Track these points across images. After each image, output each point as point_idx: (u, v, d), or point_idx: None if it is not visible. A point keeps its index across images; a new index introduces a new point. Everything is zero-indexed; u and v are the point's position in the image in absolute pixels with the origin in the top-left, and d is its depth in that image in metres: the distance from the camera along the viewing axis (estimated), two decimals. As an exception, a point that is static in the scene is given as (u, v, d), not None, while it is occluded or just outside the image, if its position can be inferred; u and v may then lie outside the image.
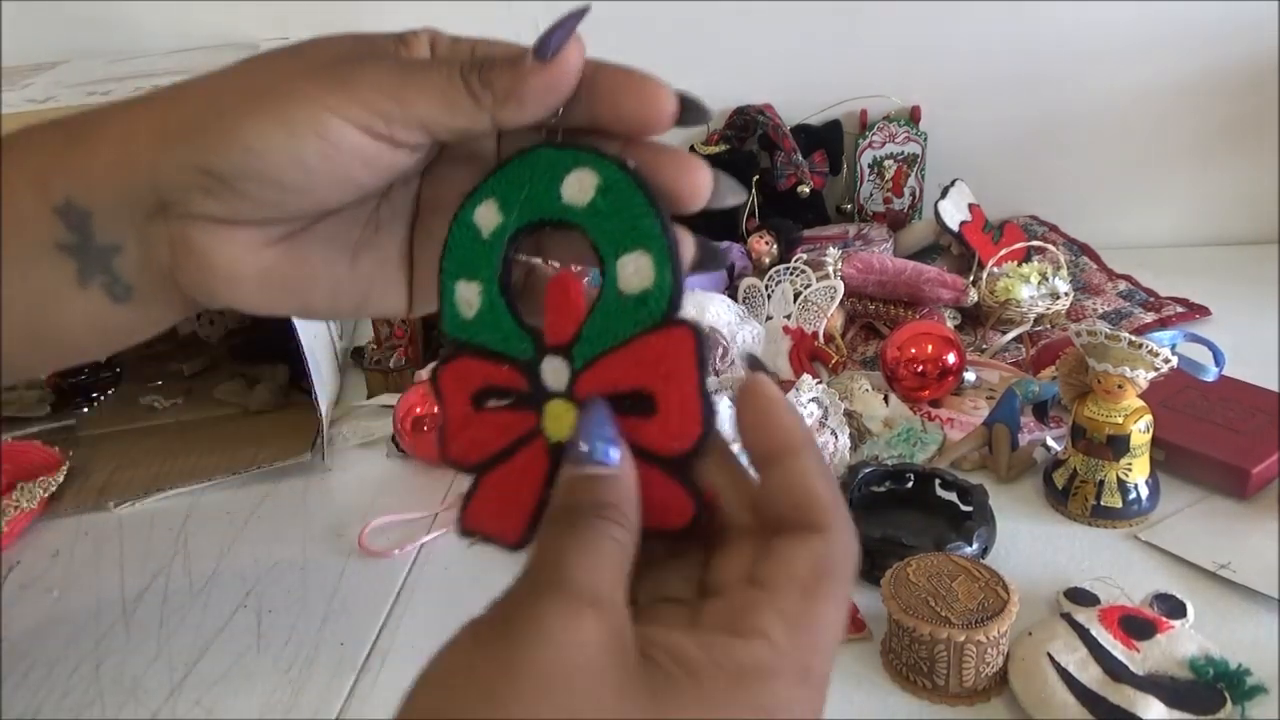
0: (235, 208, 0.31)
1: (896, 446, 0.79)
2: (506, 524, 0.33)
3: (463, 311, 0.33)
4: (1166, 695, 0.52)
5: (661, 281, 0.29)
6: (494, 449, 0.33)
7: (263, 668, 0.64)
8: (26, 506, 0.82)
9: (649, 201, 0.29)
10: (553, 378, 0.31)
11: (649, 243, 0.29)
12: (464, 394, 0.33)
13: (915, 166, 1.17)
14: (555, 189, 0.30)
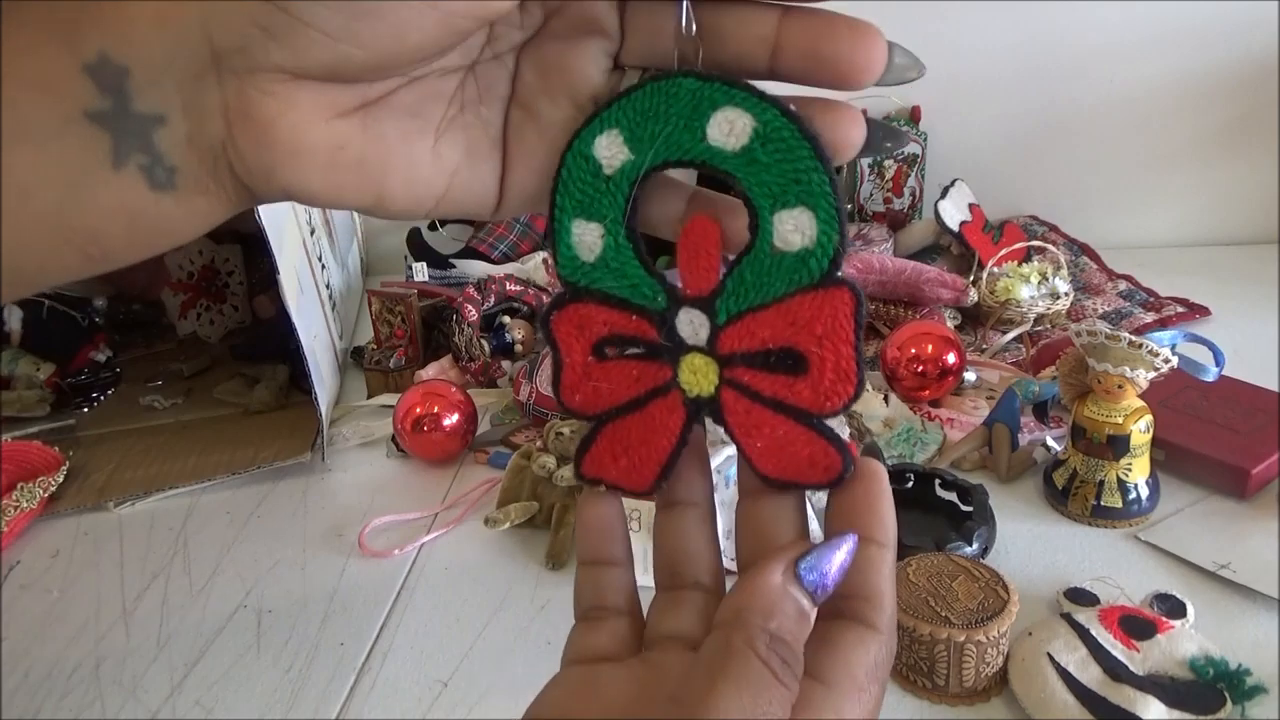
0: (305, 52, 0.26)
1: (896, 446, 0.79)
2: (635, 474, 0.32)
3: (581, 254, 0.30)
4: (1166, 695, 0.52)
5: (825, 240, 0.27)
6: (621, 399, 0.31)
7: (263, 668, 0.64)
8: (26, 506, 0.82)
9: (815, 154, 0.26)
10: (689, 330, 0.29)
11: (814, 200, 0.27)
12: (585, 342, 0.31)
13: (915, 166, 1.17)
14: (700, 128, 0.27)
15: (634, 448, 0.31)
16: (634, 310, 0.30)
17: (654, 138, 0.28)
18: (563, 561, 0.70)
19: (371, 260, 1.37)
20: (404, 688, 0.60)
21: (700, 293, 0.29)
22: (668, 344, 0.30)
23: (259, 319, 1.18)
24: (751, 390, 0.29)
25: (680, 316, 0.29)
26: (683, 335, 0.29)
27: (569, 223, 0.30)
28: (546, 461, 0.75)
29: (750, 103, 0.27)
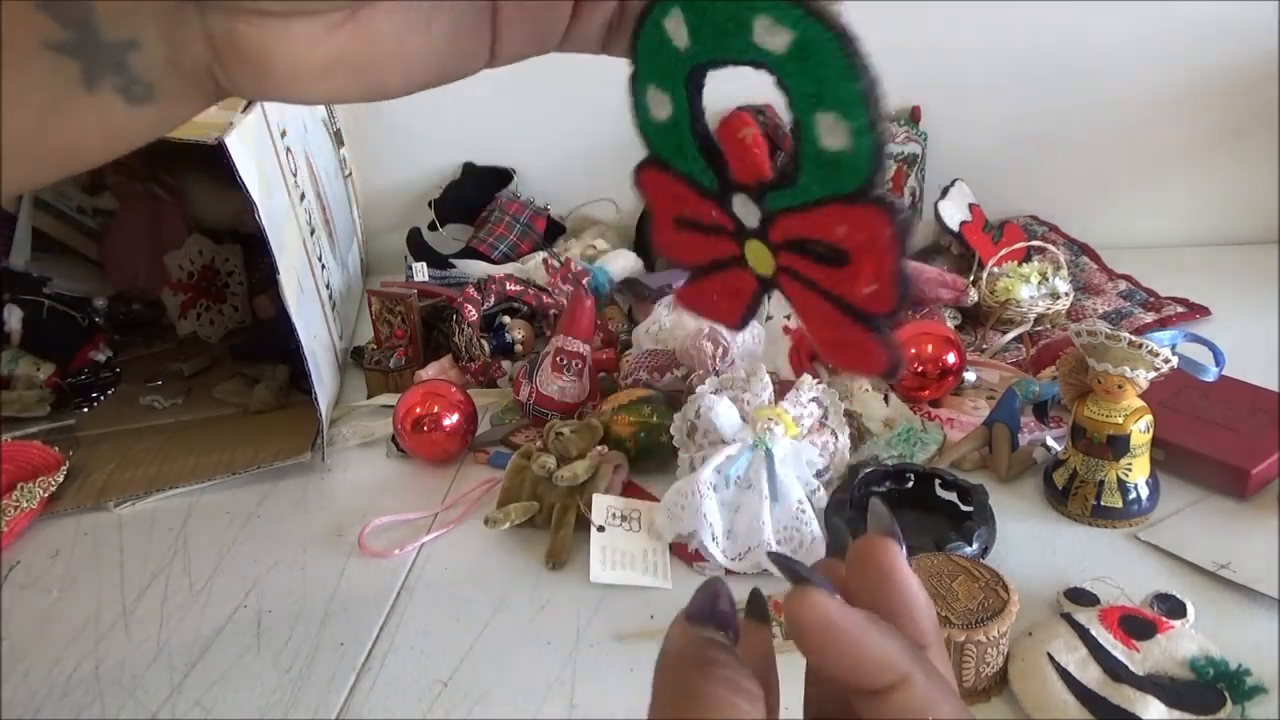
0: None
1: (896, 446, 0.79)
2: (725, 314, 0.34)
3: (655, 113, 0.32)
4: (1166, 695, 0.52)
5: (859, 150, 0.27)
6: (703, 261, 0.34)
7: (263, 668, 0.64)
8: (26, 506, 0.82)
9: (849, 63, 0.27)
10: (745, 214, 0.31)
11: (848, 107, 0.27)
12: (669, 210, 0.33)
13: (915, 166, 1.17)
14: (748, 28, 0.28)
15: (721, 298, 0.34)
16: (697, 189, 0.32)
17: (709, 32, 0.29)
18: (563, 561, 0.70)
19: (371, 260, 1.37)
20: (404, 688, 0.60)
21: (748, 181, 0.30)
22: (732, 228, 0.32)
23: (259, 319, 1.18)
24: (804, 277, 0.30)
25: (734, 201, 0.31)
26: (739, 219, 0.31)
27: (646, 85, 0.31)
28: (546, 461, 0.75)
29: (787, 12, 0.27)
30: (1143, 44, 1.13)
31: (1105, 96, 1.16)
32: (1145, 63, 1.14)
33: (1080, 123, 1.17)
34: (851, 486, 0.71)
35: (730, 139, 0.30)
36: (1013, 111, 1.18)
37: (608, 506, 0.73)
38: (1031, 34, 1.14)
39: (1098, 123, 1.17)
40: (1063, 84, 1.16)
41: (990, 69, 1.16)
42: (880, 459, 0.77)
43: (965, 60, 1.16)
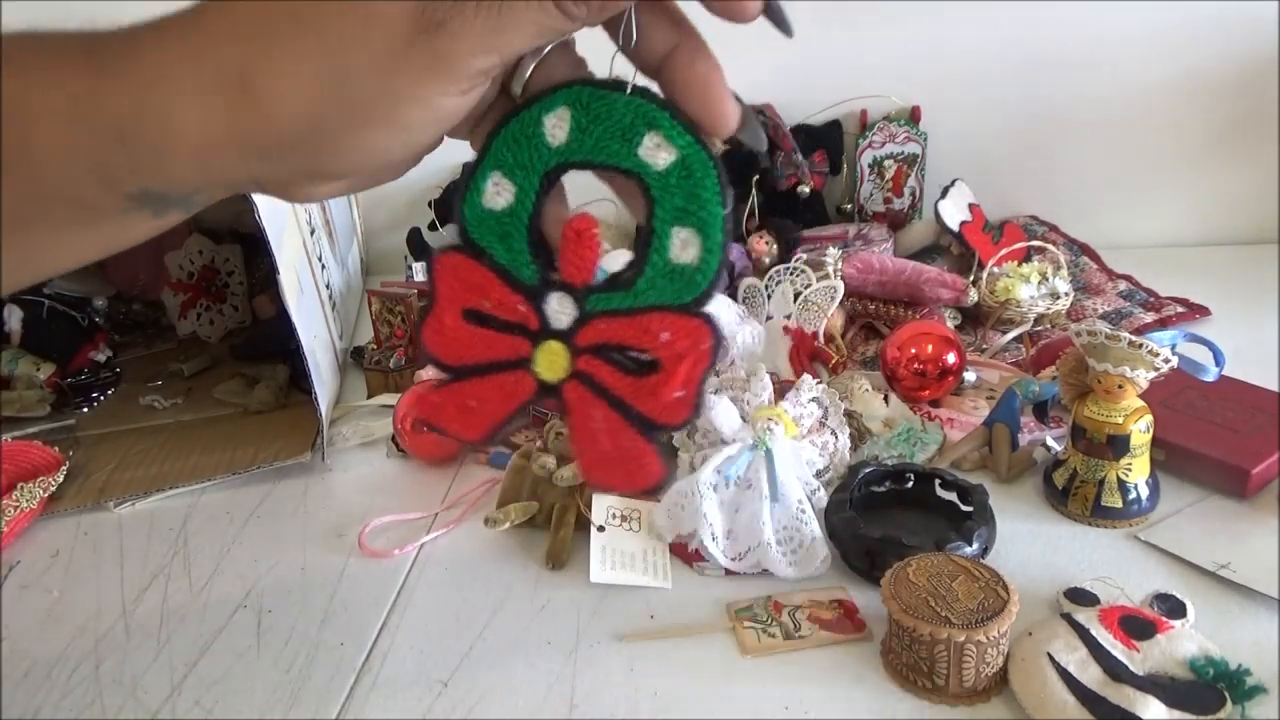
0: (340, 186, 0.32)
1: (896, 446, 0.79)
2: (470, 428, 0.34)
3: (491, 201, 0.32)
4: (1166, 695, 0.52)
5: (707, 265, 0.30)
6: (477, 361, 0.33)
7: (263, 668, 0.64)
8: (26, 506, 0.82)
9: (720, 189, 0.30)
10: (554, 313, 0.32)
11: (707, 228, 0.30)
12: (459, 300, 0.33)
13: (915, 166, 1.17)
14: (635, 141, 0.30)
15: (477, 407, 0.34)
16: (509, 281, 0.33)
17: (594, 137, 0.31)
18: (562, 562, 0.70)
19: (371, 260, 1.37)
20: (404, 688, 0.60)
21: (574, 282, 0.31)
22: (534, 327, 0.32)
23: (259, 319, 1.18)
24: (598, 384, 0.31)
25: (550, 298, 0.32)
26: (547, 317, 0.32)
27: (489, 171, 0.33)
28: (546, 461, 0.75)
29: (679, 134, 0.30)
30: (1143, 44, 1.13)
31: (1105, 96, 1.16)
32: (1145, 62, 1.14)
33: (1080, 123, 1.17)
34: (851, 486, 0.71)
35: (574, 238, 0.31)
36: (1013, 111, 1.18)
37: (608, 506, 0.73)
38: (1031, 34, 1.14)
39: (1098, 123, 1.17)
40: (1063, 84, 1.16)
41: (990, 69, 1.16)
42: (880, 459, 0.77)
43: (965, 60, 1.16)
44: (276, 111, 0.29)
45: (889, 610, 0.58)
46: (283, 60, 0.28)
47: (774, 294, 0.96)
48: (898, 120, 1.16)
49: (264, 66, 0.28)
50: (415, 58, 0.28)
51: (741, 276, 1.03)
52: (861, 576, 0.66)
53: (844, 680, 0.58)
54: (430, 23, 0.28)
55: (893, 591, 0.58)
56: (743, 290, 1.00)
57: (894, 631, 0.58)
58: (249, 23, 0.28)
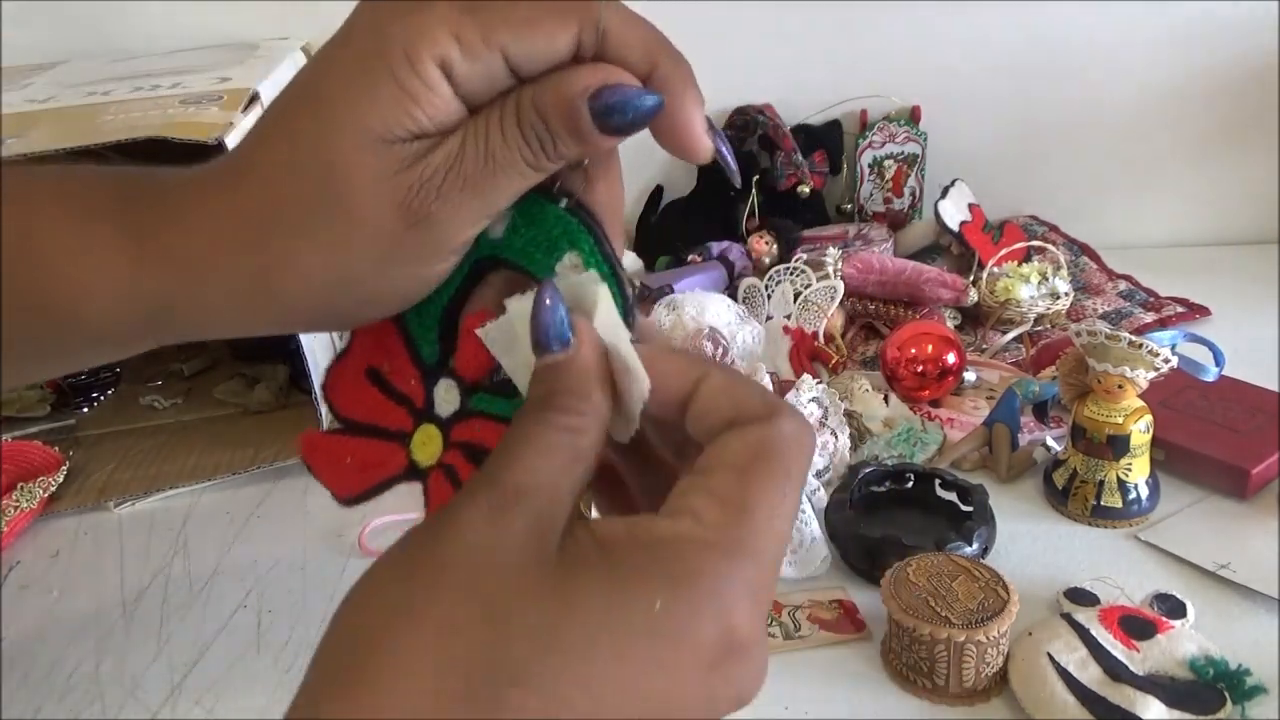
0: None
1: (896, 446, 0.79)
2: (342, 483, 0.34)
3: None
4: (1166, 695, 0.53)
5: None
6: (365, 421, 0.34)
7: (263, 668, 0.64)
8: (26, 506, 0.82)
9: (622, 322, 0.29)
10: (440, 398, 0.32)
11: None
12: (368, 354, 0.34)
13: (915, 166, 1.17)
14: (555, 257, 0.30)
15: (350, 465, 0.34)
16: (411, 353, 0.33)
17: (523, 239, 0.31)
18: (563, 561, 0.70)
19: (371, 260, 1.37)
20: (404, 688, 0.60)
21: (464, 375, 0.31)
22: (420, 407, 0.32)
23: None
24: (458, 479, 0.31)
25: (440, 384, 0.32)
26: (434, 400, 0.32)
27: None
28: (546, 461, 0.74)
29: (597, 263, 0.30)
30: (1143, 44, 1.13)
31: (1105, 96, 1.16)
32: (1145, 62, 1.14)
33: (1080, 123, 1.17)
34: (851, 486, 0.71)
35: (468, 334, 0.31)
36: (1013, 111, 1.18)
37: (608, 506, 0.73)
38: (1031, 34, 1.14)
39: (1098, 123, 1.17)
40: (1063, 84, 1.16)
41: (990, 69, 1.16)
42: (880, 459, 0.77)
43: (965, 60, 1.15)
44: (292, 304, 0.31)
45: (889, 610, 0.58)
46: (291, 264, 0.30)
47: (774, 294, 0.97)
48: (898, 120, 1.16)
49: (276, 268, 0.30)
50: (409, 247, 0.29)
51: (741, 276, 1.03)
52: (861, 576, 0.66)
53: (844, 680, 0.58)
54: (416, 216, 0.29)
55: (893, 591, 0.58)
56: (743, 290, 1.00)
57: (894, 631, 0.58)
58: (257, 226, 0.30)
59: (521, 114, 0.29)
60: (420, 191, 0.29)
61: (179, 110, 0.83)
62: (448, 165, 0.29)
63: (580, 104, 0.28)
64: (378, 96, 0.28)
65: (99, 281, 0.31)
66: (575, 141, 0.29)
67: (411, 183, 0.29)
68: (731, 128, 1.16)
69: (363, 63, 0.28)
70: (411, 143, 0.29)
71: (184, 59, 1.05)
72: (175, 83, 0.93)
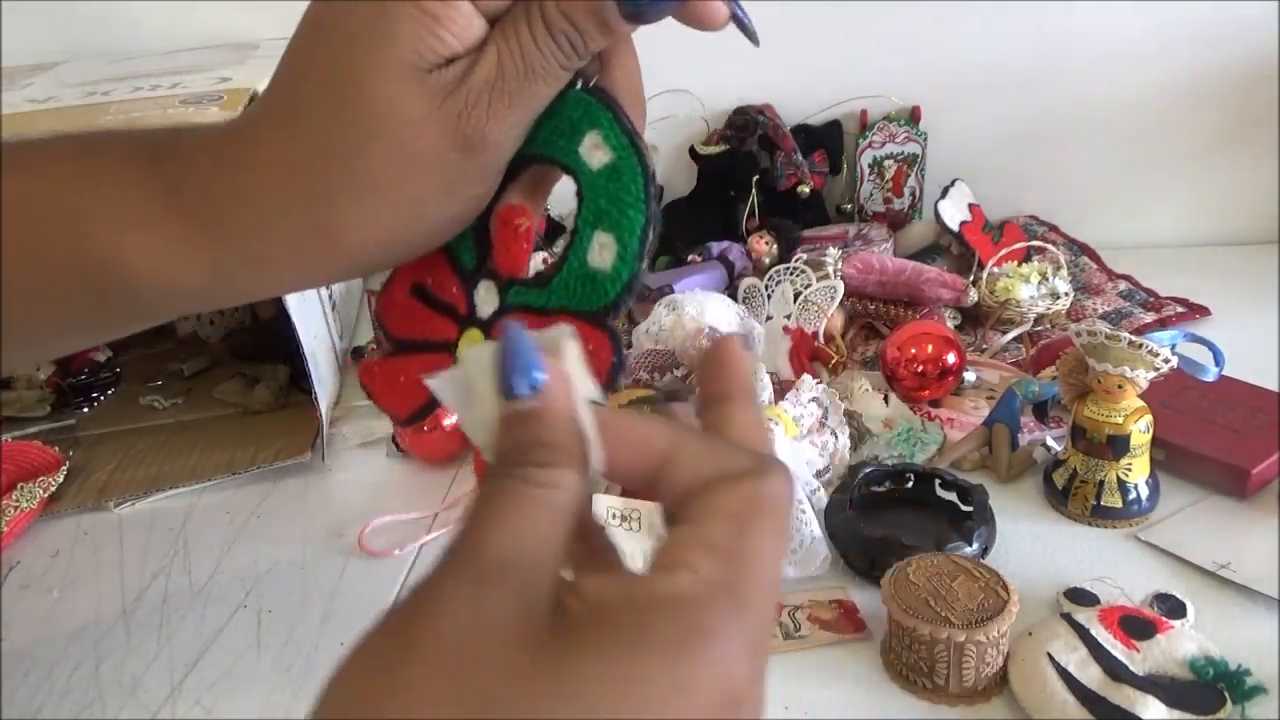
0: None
1: (896, 446, 0.79)
2: (399, 403, 0.34)
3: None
4: (1166, 695, 0.52)
5: (618, 274, 0.30)
6: (414, 337, 0.34)
7: (263, 668, 0.64)
8: (26, 506, 0.82)
9: (644, 201, 0.29)
10: (481, 299, 0.32)
11: (624, 235, 0.30)
12: (412, 273, 0.34)
13: (915, 166, 1.17)
14: (577, 139, 0.30)
15: (405, 383, 0.34)
16: (451, 263, 0.33)
17: (545, 130, 0.31)
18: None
19: (371, 260, 1.37)
20: (404, 688, 0.60)
21: (501, 273, 0.32)
22: (463, 311, 0.33)
23: (259, 319, 1.18)
24: None
25: (480, 285, 0.32)
26: (475, 304, 0.32)
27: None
28: (546, 461, 0.74)
29: (616, 137, 0.30)
30: (1142, 44, 1.13)
31: (1105, 96, 1.16)
32: (1145, 63, 1.14)
33: (1080, 123, 1.17)
34: (851, 487, 0.71)
35: (503, 228, 0.31)
36: (1013, 111, 1.18)
37: (607, 506, 0.73)
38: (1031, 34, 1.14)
39: (1097, 123, 1.17)
40: (1063, 84, 1.16)
41: (990, 69, 1.16)
42: (880, 459, 0.77)
43: (965, 60, 1.15)
44: (357, 251, 0.31)
45: (889, 610, 0.58)
46: (352, 214, 0.30)
47: (774, 294, 0.96)
48: (898, 120, 1.16)
49: (338, 220, 0.30)
50: (468, 171, 0.30)
51: (741, 276, 1.03)
52: (861, 576, 0.66)
53: (844, 680, 0.58)
54: (471, 141, 0.29)
55: (893, 591, 0.58)
56: (743, 290, 1.00)
57: (894, 631, 0.58)
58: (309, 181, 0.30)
59: (549, 20, 0.29)
60: (470, 115, 0.29)
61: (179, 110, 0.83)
62: (489, 84, 0.29)
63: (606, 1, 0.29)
64: (402, 25, 0.28)
65: (151, 250, 0.31)
66: (605, 36, 0.29)
67: (459, 108, 0.29)
68: (731, 128, 1.16)
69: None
70: (445, 68, 0.28)
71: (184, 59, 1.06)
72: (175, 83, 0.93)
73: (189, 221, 0.31)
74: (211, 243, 0.31)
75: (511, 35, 0.29)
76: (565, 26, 0.29)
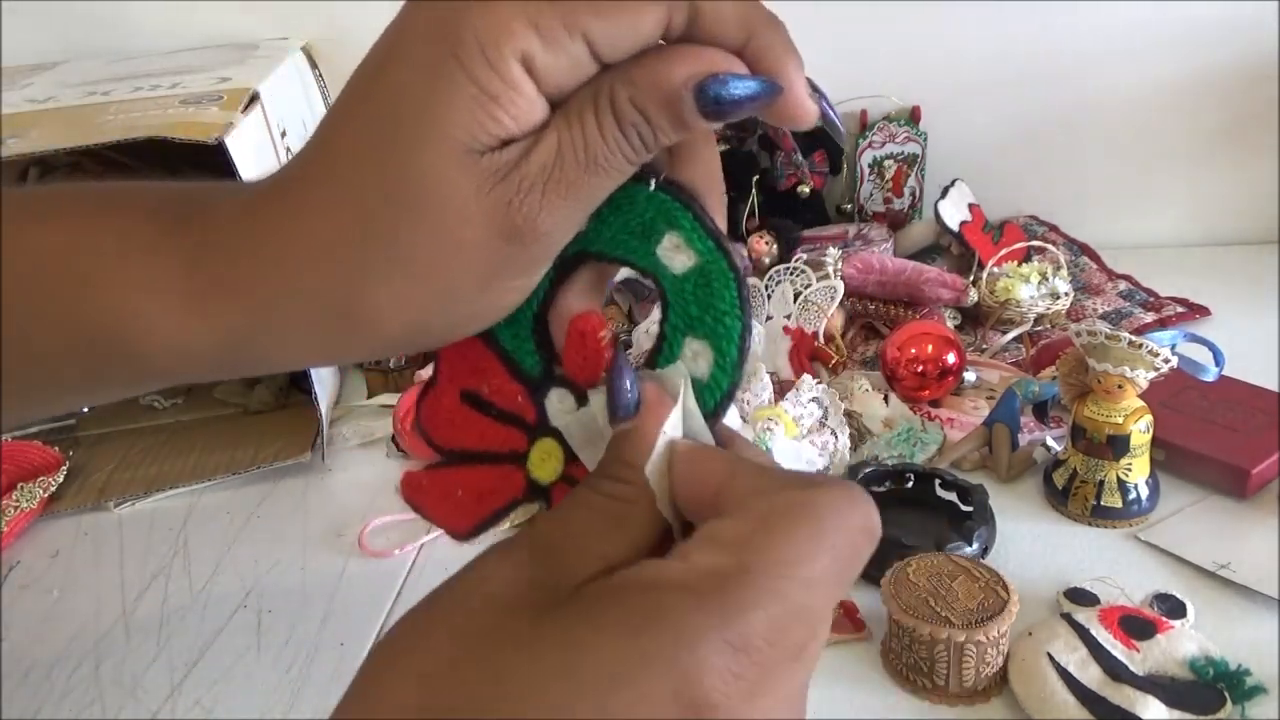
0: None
1: (896, 446, 0.79)
2: (456, 518, 0.33)
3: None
4: (1166, 695, 0.53)
5: (716, 386, 0.28)
6: (471, 448, 0.32)
7: (263, 668, 0.64)
8: (26, 506, 0.82)
9: (739, 304, 0.28)
10: (557, 410, 0.30)
11: (720, 343, 0.28)
12: (460, 379, 0.32)
13: (915, 166, 1.17)
14: (654, 240, 0.28)
15: (464, 497, 0.32)
16: (511, 369, 0.31)
17: (611, 228, 0.29)
18: (563, 561, 0.70)
19: (371, 260, 1.37)
20: (404, 688, 0.60)
21: (581, 382, 0.30)
22: (532, 421, 0.31)
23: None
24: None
25: (552, 394, 0.30)
26: (547, 412, 0.30)
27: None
28: (546, 461, 0.74)
29: (700, 240, 0.28)
30: (1142, 44, 1.13)
31: (1105, 96, 1.16)
32: (1145, 62, 1.14)
33: (1080, 123, 1.17)
34: (851, 486, 0.71)
35: (584, 340, 0.29)
36: (1013, 111, 1.18)
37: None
38: (1031, 34, 1.14)
39: (1097, 122, 1.17)
40: (1063, 84, 1.16)
41: (990, 69, 1.16)
42: (880, 459, 0.77)
43: (965, 60, 1.15)
44: (381, 334, 0.29)
45: (889, 610, 0.58)
46: (381, 294, 0.28)
47: (774, 294, 0.97)
48: (898, 120, 1.16)
49: (364, 299, 0.28)
50: (511, 262, 0.28)
51: (741, 276, 1.03)
52: (861, 576, 0.66)
53: (844, 680, 0.58)
54: (519, 232, 0.27)
55: (893, 591, 0.58)
56: (743, 290, 1.00)
57: (894, 631, 0.58)
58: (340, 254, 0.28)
59: (619, 110, 0.26)
60: (522, 205, 0.26)
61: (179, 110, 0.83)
62: (545, 172, 0.26)
63: (685, 95, 0.26)
64: (457, 103, 0.25)
65: (162, 315, 0.29)
66: (679, 132, 0.27)
67: (510, 196, 0.26)
68: (731, 127, 1.16)
69: (434, 68, 0.26)
70: (500, 150, 0.26)
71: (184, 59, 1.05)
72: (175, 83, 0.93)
73: (206, 286, 0.29)
74: (228, 310, 0.29)
75: (575, 123, 0.26)
76: (636, 119, 0.26)
